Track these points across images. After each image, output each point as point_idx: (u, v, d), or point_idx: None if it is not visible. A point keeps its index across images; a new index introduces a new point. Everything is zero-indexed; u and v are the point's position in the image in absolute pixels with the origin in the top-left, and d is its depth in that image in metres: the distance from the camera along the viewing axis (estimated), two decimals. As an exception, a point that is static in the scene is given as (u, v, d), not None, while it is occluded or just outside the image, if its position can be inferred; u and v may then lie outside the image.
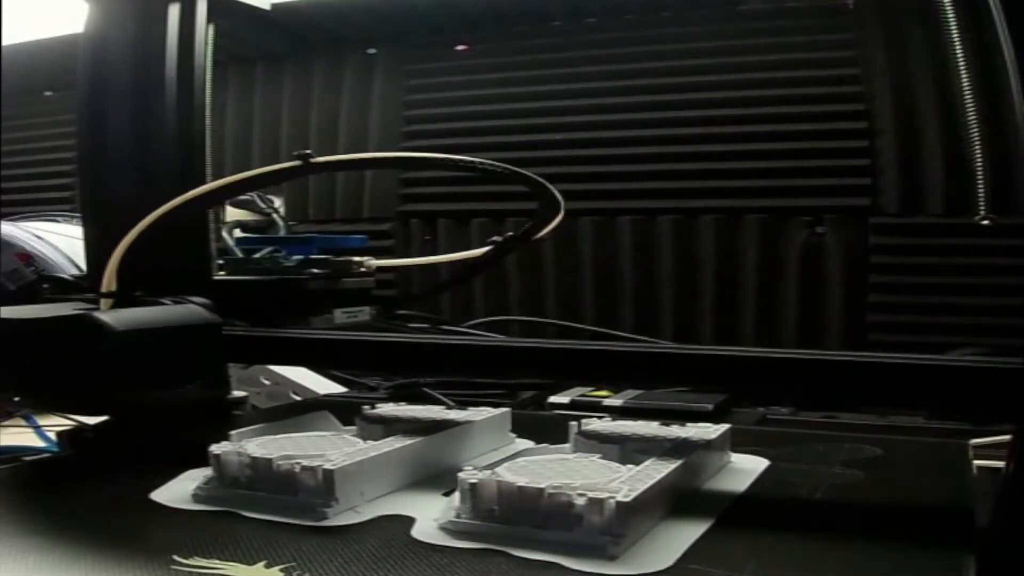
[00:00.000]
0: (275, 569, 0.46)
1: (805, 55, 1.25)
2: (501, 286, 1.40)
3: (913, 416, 1.00)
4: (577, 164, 1.33)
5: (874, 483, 0.64)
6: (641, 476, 0.53)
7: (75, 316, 0.66)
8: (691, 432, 0.66)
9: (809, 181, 1.24)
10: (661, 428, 0.67)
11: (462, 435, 0.68)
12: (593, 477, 0.53)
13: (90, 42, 0.86)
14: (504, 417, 0.73)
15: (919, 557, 0.49)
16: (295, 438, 0.63)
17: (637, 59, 1.33)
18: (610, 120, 1.34)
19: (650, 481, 0.53)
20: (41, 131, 1.76)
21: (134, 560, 0.48)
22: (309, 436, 0.64)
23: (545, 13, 1.38)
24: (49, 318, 0.67)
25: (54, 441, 0.88)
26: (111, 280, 0.76)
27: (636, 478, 0.53)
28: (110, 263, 0.76)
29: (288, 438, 0.63)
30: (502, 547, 0.49)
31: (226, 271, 0.93)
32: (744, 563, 0.48)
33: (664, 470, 0.55)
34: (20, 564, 0.47)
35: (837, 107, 1.23)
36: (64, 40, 1.39)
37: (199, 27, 0.88)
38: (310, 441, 0.63)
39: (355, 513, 0.56)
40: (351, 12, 1.42)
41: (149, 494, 0.60)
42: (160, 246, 0.77)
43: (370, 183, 1.49)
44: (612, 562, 0.47)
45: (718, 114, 1.29)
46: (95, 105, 0.85)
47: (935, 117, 1.18)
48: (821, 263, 1.24)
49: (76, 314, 0.66)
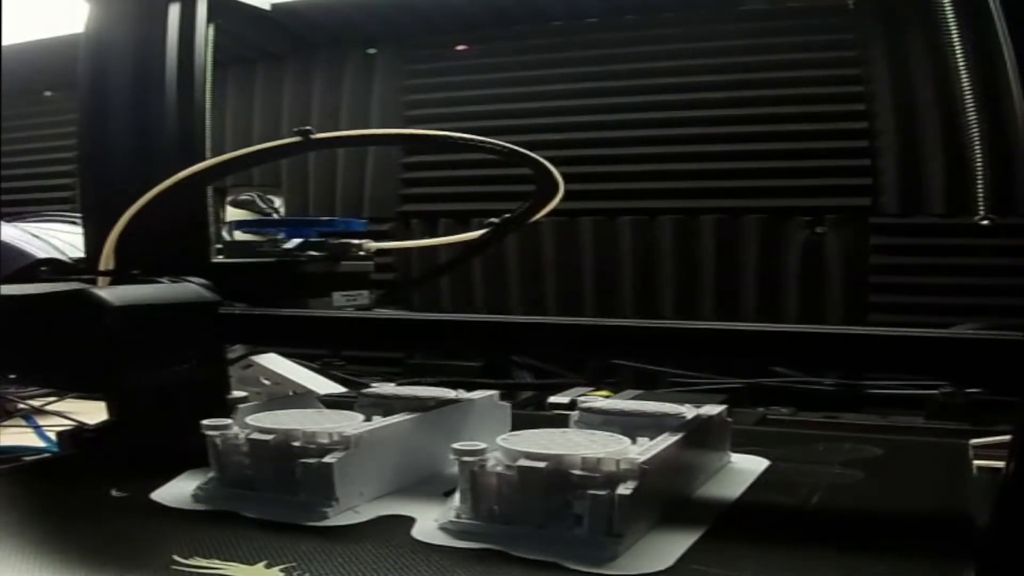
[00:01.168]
0: (275, 569, 0.46)
1: (805, 55, 1.25)
2: (501, 286, 1.40)
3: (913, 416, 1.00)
4: (577, 164, 1.33)
5: (874, 483, 0.64)
6: (650, 446, 0.54)
7: (73, 291, 0.66)
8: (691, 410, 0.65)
9: (809, 181, 1.24)
10: (661, 405, 0.66)
11: (462, 412, 0.68)
12: (599, 447, 0.53)
13: (90, 42, 0.86)
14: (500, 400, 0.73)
15: (919, 557, 0.49)
16: (292, 413, 0.63)
17: (637, 59, 1.33)
18: (610, 120, 1.34)
19: (660, 447, 0.53)
20: (41, 131, 1.75)
21: (134, 560, 0.48)
22: (306, 412, 0.64)
23: (545, 13, 1.38)
24: (47, 294, 0.66)
25: (54, 441, 0.88)
26: (109, 259, 0.75)
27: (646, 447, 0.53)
28: (108, 240, 0.75)
29: (286, 413, 0.63)
30: (502, 547, 0.49)
31: (224, 255, 0.92)
32: (744, 563, 0.48)
33: (671, 439, 0.55)
34: (20, 564, 0.47)
35: (837, 107, 1.23)
36: (64, 40, 1.39)
37: (199, 27, 0.88)
38: (307, 416, 0.63)
39: (355, 513, 0.56)
40: (351, 12, 1.42)
41: (150, 494, 0.60)
42: (159, 229, 0.77)
43: (370, 183, 1.49)
44: (612, 562, 0.47)
45: (718, 114, 1.29)
46: (95, 105, 0.85)
47: (935, 117, 1.18)
48: (821, 263, 1.24)
49: (74, 289, 0.66)
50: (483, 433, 0.67)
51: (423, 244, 1.18)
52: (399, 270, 1.41)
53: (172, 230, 0.80)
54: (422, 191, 1.46)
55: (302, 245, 0.89)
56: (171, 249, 0.80)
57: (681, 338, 0.62)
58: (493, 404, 0.72)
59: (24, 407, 1.10)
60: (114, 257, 0.75)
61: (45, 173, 1.73)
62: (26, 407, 1.10)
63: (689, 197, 1.30)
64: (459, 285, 1.42)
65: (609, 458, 0.50)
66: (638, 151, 1.33)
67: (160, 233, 0.77)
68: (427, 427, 0.64)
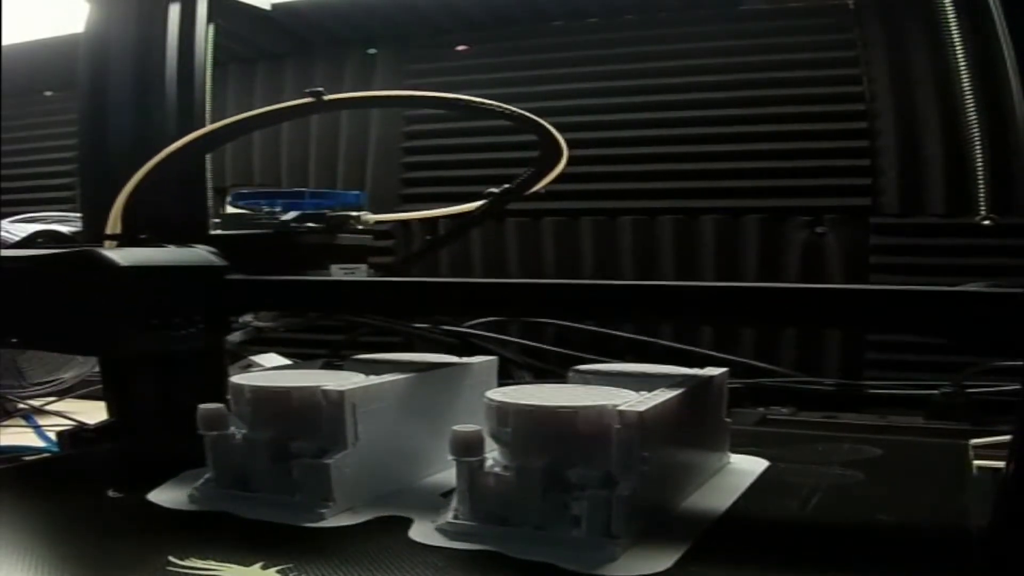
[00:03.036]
0: (272, 570, 0.46)
1: (805, 55, 1.25)
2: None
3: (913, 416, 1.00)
4: (577, 164, 1.33)
5: (874, 483, 0.64)
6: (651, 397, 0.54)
7: (79, 252, 0.65)
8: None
9: (809, 181, 1.24)
10: (660, 367, 0.66)
11: (459, 374, 0.68)
12: (598, 398, 0.53)
13: (90, 42, 0.86)
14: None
15: (919, 557, 0.49)
16: (291, 372, 0.63)
17: (637, 59, 1.33)
18: (610, 120, 1.34)
19: (661, 398, 0.53)
20: (41, 131, 1.75)
21: (131, 561, 0.48)
22: (305, 372, 0.64)
23: (545, 13, 1.38)
24: (53, 254, 0.65)
25: (54, 441, 0.88)
26: (116, 223, 0.74)
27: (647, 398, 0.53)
28: (116, 205, 0.74)
29: (284, 373, 0.63)
30: (499, 548, 0.49)
31: (222, 226, 0.91)
32: (743, 564, 0.48)
33: (672, 392, 0.55)
34: (20, 564, 0.47)
35: (837, 107, 1.23)
36: (64, 40, 1.39)
37: (199, 27, 0.88)
38: (305, 375, 0.63)
39: (352, 514, 0.56)
40: (351, 12, 1.42)
41: (146, 495, 0.60)
42: (160, 200, 0.76)
43: (371, 183, 1.49)
44: (609, 564, 0.47)
45: (718, 114, 1.29)
46: (95, 105, 0.85)
47: (935, 117, 1.18)
48: (821, 263, 1.24)
49: (80, 250, 0.65)
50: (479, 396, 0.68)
51: (421, 215, 1.16)
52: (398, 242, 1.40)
53: (173, 200, 0.80)
54: (423, 191, 1.46)
55: (300, 217, 0.88)
56: (171, 219, 0.79)
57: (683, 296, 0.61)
58: (491, 368, 0.72)
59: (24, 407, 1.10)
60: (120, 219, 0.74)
61: (45, 173, 1.73)
62: (26, 407, 1.10)
63: (689, 197, 1.30)
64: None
65: (609, 408, 0.50)
66: (638, 151, 1.33)
67: (160, 203, 0.77)
68: (425, 387, 0.64)
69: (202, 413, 0.60)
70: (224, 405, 0.61)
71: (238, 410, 0.60)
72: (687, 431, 0.59)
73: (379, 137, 1.49)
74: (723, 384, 0.66)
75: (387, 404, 0.59)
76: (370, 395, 0.58)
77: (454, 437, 0.52)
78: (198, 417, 0.60)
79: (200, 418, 0.60)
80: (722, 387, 0.66)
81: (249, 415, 0.59)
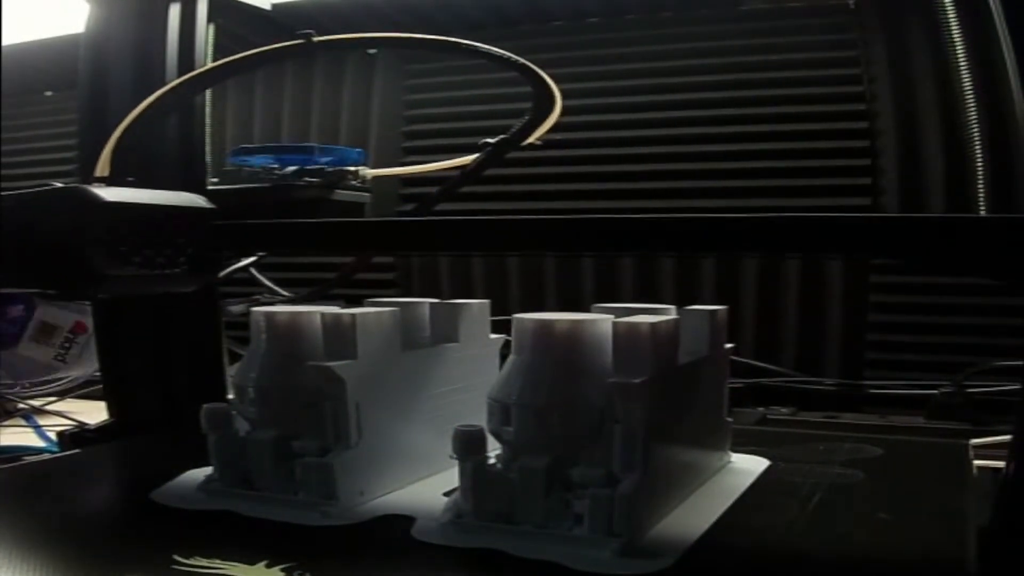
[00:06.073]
0: (276, 569, 0.46)
1: (805, 55, 1.25)
2: (501, 286, 1.40)
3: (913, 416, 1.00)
4: (577, 164, 1.33)
5: (874, 483, 0.65)
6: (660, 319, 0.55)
7: (66, 188, 0.64)
8: None
9: (809, 181, 1.24)
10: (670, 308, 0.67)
11: (458, 310, 0.69)
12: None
13: (90, 42, 0.86)
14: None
15: (919, 557, 0.49)
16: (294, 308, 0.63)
17: (637, 59, 1.33)
18: (610, 120, 1.34)
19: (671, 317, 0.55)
20: (41, 131, 1.75)
21: (135, 560, 0.48)
22: (311, 308, 0.64)
23: (546, 13, 1.38)
24: (37, 191, 0.64)
25: (54, 441, 0.88)
26: (105, 166, 0.73)
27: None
28: (106, 147, 0.73)
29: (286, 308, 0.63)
30: (502, 547, 0.49)
31: (220, 183, 0.90)
32: (744, 563, 0.48)
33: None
34: (20, 564, 0.47)
35: (837, 107, 1.23)
36: (64, 40, 1.39)
37: (199, 27, 0.88)
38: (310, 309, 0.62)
39: (356, 513, 0.56)
40: (351, 12, 1.42)
41: (149, 494, 0.60)
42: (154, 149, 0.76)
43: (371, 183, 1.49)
44: (612, 562, 0.47)
45: (718, 114, 1.29)
46: (95, 105, 0.85)
47: (935, 117, 1.18)
48: (821, 263, 1.24)
49: (67, 186, 0.65)
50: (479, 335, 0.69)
51: (420, 170, 1.15)
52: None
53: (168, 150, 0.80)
54: (423, 191, 1.46)
55: (298, 172, 0.87)
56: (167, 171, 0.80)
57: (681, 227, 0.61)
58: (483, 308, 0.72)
59: (24, 407, 1.10)
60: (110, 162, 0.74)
61: (45, 173, 1.73)
62: (26, 407, 1.11)
63: (689, 197, 1.30)
64: (459, 284, 1.42)
65: (622, 322, 0.52)
66: (638, 151, 1.33)
67: (154, 151, 0.76)
68: (417, 313, 0.66)
69: (206, 412, 0.60)
70: (227, 404, 0.61)
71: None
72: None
73: (380, 136, 1.49)
74: (723, 317, 0.69)
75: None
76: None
77: (456, 436, 0.52)
78: (202, 416, 0.60)
79: (204, 417, 0.60)
80: (723, 319, 0.70)
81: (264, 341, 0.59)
